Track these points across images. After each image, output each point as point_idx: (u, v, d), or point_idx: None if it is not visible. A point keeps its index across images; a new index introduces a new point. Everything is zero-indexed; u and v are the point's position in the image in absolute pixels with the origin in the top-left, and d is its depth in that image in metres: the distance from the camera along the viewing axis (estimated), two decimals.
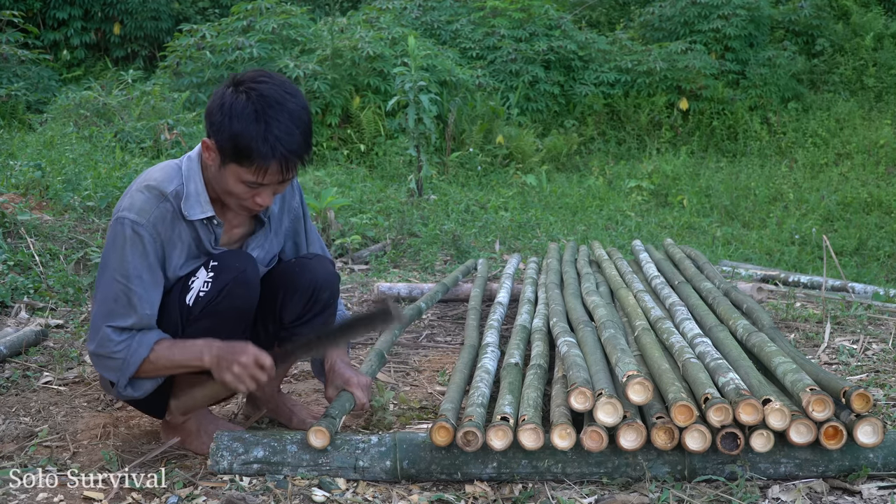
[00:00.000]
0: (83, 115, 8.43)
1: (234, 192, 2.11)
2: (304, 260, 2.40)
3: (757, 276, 4.85)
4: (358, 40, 9.93)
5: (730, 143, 11.49)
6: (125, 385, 2.17)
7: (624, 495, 2.09)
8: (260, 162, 2.03)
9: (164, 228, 2.14)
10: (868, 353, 3.31)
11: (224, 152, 2.06)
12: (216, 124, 2.05)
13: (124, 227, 2.11)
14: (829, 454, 2.15)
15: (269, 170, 2.04)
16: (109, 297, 2.13)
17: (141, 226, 2.10)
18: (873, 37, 12.94)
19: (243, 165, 2.04)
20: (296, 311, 2.35)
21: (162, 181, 2.16)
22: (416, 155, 7.43)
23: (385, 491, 2.13)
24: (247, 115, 2.02)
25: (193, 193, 2.16)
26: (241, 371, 2.11)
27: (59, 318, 3.63)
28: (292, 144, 2.04)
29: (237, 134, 2.02)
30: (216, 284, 2.15)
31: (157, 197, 2.14)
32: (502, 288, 3.83)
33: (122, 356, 2.13)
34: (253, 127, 2.01)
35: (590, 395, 2.15)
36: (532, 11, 12.26)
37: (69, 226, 4.66)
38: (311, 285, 2.34)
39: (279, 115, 2.03)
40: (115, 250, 2.12)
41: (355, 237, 5.41)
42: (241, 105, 2.02)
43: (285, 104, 2.05)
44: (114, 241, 2.13)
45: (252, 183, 2.07)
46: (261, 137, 2.01)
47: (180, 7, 14.00)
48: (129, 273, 2.11)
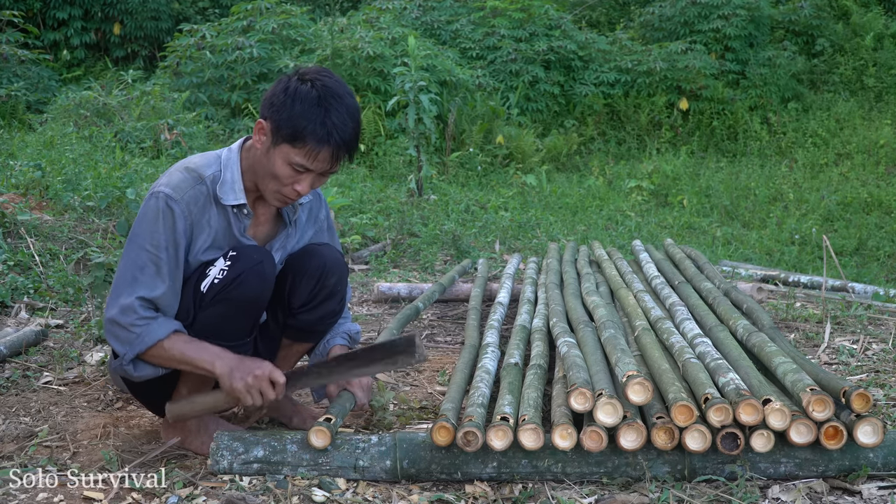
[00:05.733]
0: (83, 115, 8.43)
1: (279, 174, 2.15)
2: (313, 246, 2.43)
3: (757, 276, 4.85)
4: (358, 40, 9.93)
5: (730, 143, 11.50)
6: (129, 361, 2.19)
7: (624, 495, 2.09)
8: (314, 145, 2.10)
9: (196, 209, 2.19)
10: (868, 353, 3.31)
11: (279, 132, 2.12)
12: (276, 105, 2.12)
13: (158, 201, 2.15)
14: (829, 454, 2.15)
15: (321, 155, 2.12)
16: (137, 265, 2.15)
17: (175, 201, 2.15)
18: (873, 37, 12.94)
19: (296, 146, 2.11)
20: (303, 296, 2.37)
21: (201, 165, 2.23)
22: (416, 155, 7.43)
23: (385, 491, 2.13)
24: (310, 99, 2.10)
25: (229, 181, 2.22)
26: (254, 383, 2.13)
27: (59, 318, 3.63)
28: (346, 134, 2.13)
29: (297, 115, 2.09)
30: (231, 273, 2.19)
31: (194, 178, 2.20)
32: (502, 288, 3.83)
33: (139, 331, 2.14)
34: (314, 110, 2.10)
35: (590, 395, 2.15)
36: (532, 11, 12.26)
37: (69, 226, 4.66)
38: (319, 269, 2.37)
39: (339, 106, 2.12)
40: (146, 221, 2.16)
41: (355, 237, 5.41)
42: (305, 90, 2.11)
43: (344, 98, 2.14)
44: (145, 214, 2.17)
45: (299, 166, 2.13)
46: (319, 121, 2.09)
47: (180, 7, 14.00)
48: (160, 243, 2.15)
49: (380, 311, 4.09)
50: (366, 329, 3.73)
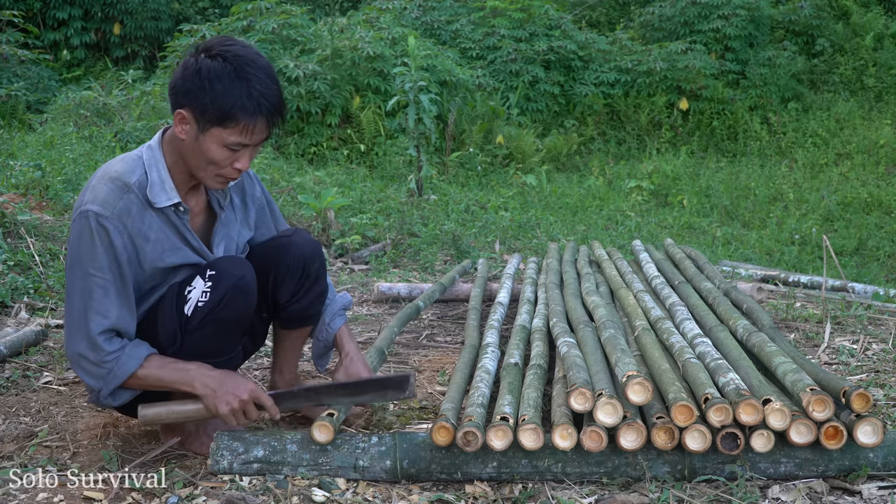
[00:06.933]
0: (83, 115, 8.44)
1: (215, 159, 2.06)
2: (284, 238, 2.38)
3: (757, 276, 4.85)
4: (358, 40, 9.93)
5: (730, 143, 11.50)
6: (107, 395, 2.14)
7: (624, 495, 2.09)
8: (247, 120, 2.01)
9: (130, 221, 2.08)
10: (868, 353, 3.31)
11: (205, 118, 2.02)
12: (193, 91, 2.02)
13: (89, 220, 2.04)
14: (829, 454, 2.15)
15: (256, 127, 2.04)
16: (86, 293, 2.06)
17: (106, 218, 2.04)
18: (873, 37, 12.95)
19: (228, 127, 2.02)
20: (290, 291, 2.35)
21: (124, 172, 2.10)
22: (416, 155, 7.43)
23: (385, 491, 2.13)
24: (227, 74, 2.00)
25: (157, 181, 2.11)
26: (239, 407, 2.09)
27: (59, 318, 3.63)
28: (274, 98, 2.05)
29: (220, 94, 2.00)
30: (215, 294, 2.12)
31: (120, 188, 2.07)
32: (502, 288, 3.83)
33: (109, 366, 2.08)
34: (235, 85, 2.00)
35: (590, 395, 2.15)
36: (532, 11, 12.26)
37: (69, 226, 4.66)
38: (300, 261, 2.34)
39: (257, 72, 2.03)
40: (83, 245, 2.05)
41: (355, 237, 5.41)
42: (218, 67, 2.01)
43: (258, 62, 2.05)
44: (80, 236, 2.06)
45: (236, 144, 2.05)
46: (245, 95, 2.00)
47: (180, 7, 14.00)
48: (102, 265, 2.04)
49: (380, 311, 4.09)
50: (366, 329, 3.73)
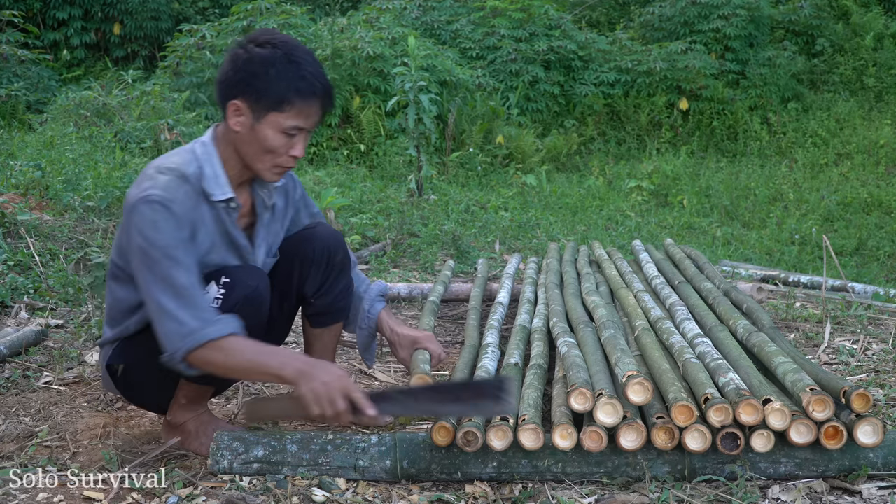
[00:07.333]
0: (83, 115, 8.43)
1: (273, 145, 2.08)
2: (308, 231, 2.39)
3: (757, 276, 4.85)
4: (358, 40, 9.93)
5: (730, 143, 11.50)
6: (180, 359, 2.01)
7: (624, 495, 2.09)
8: (302, 102, 2.06)
9: (189, 209, 2.06)
10: (868, 353, 3.31)
11: (261, 104, 2.05)
12: (246, 80, 2.05)
13: (152, 205, 1.99)
14: (829, 454, 2.15)
15: (312, 109, 2.08)
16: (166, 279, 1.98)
17: (170, 201, 2.01)
18: (873, 37, 12.95)
19: (285, 111, 2.05)
20: (316, 283, 2.37)
21: (180, 164, 2.10)
22: (416, 155, 7.42)
23: (385, 491, 2.13)
24: (279, 60, 2.05)
25: (212, 175, 2.11)
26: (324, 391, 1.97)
27: (59, 318, 3.63)
28: (324, 80, 2.10)
29: (275, 79, 2.04)
30: (226, 302, 2.09)
31: (178, 178, 2.07)
32: (502, 288, 3.83)
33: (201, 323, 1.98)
34: (290, 69, 2.05)
35: (590, 395, 2.15)
36: (532, 11, 12.26)
37: (69, 226, 4.66)
38: (325, 253, 2.35)
39: (306, 56, 2.09)
40: (147, 230, 1.98)
41: (355, 237, 5.41)
42: (269, 54, 2.05)
43: (304, 48, 2.12)
44: (142, 223, 1.99)
45: (293, 129, 2.07)
46: (299, 77, 2.05)
47: (180, 7, 14.00)
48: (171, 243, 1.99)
49: None
50: None
